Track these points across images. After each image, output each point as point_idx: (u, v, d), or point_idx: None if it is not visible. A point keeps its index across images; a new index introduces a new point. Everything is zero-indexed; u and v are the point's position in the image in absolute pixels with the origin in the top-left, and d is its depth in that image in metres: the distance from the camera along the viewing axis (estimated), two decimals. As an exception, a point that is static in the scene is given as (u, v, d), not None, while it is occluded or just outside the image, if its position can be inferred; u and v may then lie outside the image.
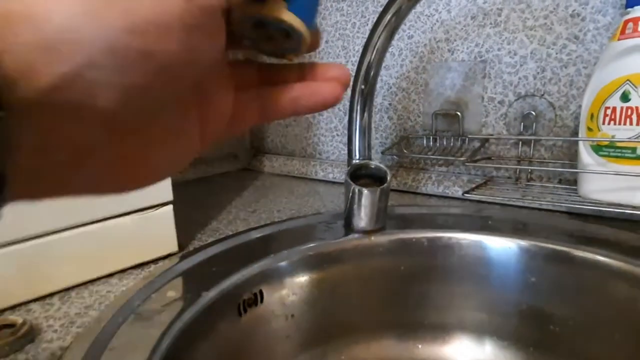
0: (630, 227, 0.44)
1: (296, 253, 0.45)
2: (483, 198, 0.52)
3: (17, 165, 0.12)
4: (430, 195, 0.62)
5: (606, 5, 0.49)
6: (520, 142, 0.56)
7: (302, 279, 0.46)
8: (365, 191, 0.46)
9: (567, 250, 0.43)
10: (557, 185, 0.53)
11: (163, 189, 0.44)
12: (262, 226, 0.51)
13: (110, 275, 0.41)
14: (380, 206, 0.47)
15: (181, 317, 0.33)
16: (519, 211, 0.52)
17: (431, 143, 0.63)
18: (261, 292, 0.42)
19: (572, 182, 0.54)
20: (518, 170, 0.56)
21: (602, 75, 0.45)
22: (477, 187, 0.55)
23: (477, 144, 0.57)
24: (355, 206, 0.47)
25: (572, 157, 0.53)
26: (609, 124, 0.44)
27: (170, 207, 0.45)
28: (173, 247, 0.45)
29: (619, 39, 0.43)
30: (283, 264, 0.44)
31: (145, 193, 0.37)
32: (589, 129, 0.46)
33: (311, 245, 0.47)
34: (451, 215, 0.54)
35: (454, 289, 0.49)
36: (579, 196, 0.48)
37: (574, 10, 0.51)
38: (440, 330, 0.50)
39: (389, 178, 0.46)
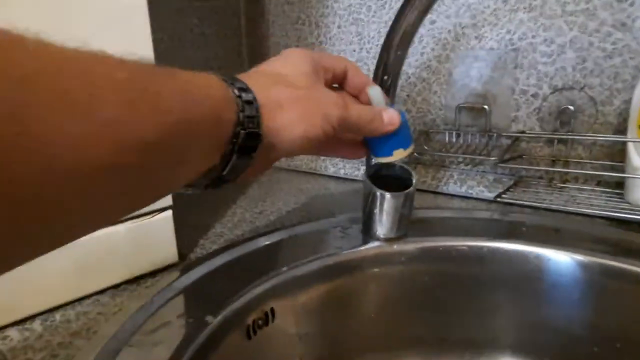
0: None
1: (311, 264, 0.41)
2: (519, 202, 0.47)
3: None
4: (453, 196, 0.57)
5: (661, -12, 0.43)
6: (556, 140, 0.51)
7: (318, 292, 0.41)
8: (388, 196, 0.41)
9: (617, 265, 0.39)
10: (595, 188, 0.48)
11: (161, 193, 0.39)
12: (270, 232, 0.46)
13: (102, 291, 0.36)
14: (403, 212, 0.42)
15: (183, 350, 0.28)
16: (553, 216, 0.47)
17: (454, 139, 0.58)
18: (272, 310, 0.38)
19: (613, 184, 0.49)
20: (552, 171, 0.51)
21: (659, 67, 0.39)
22: (508, 189, 0.50)
23: (505, 141, 0.52)
24: (377, 211, 0.42)
25: (614, 157, 0.48)
26: (665, 122, 0.39)
27: (170, 213, 0.40)
28: (173, 257, 0.40)
29: (682, 26, 0.38)
30: (297, 277, 0.40)
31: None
32: (641, 128, 0.41)
33: (327, 255, 0.42)
34: (479, 220, 0.49)
35: (485, 303, 0.44)
36: (627, 202, 0.43)
37: (622, -7, 0.45)
38: (468, 348, 0.45)
39: (414, 181, 0.41)
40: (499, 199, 0.47)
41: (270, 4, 0.74)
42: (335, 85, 0.35)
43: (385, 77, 0.43)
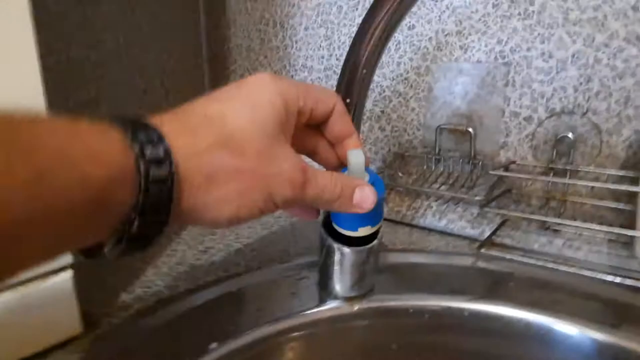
0: None
1: (248, 335, 0.33)
2: (503, 255, 0.39)
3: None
4: (430, 231, 0.50)
5: (685, -4, 0.35)
6: (552, 173, 0.43)
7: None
8: (347, 250, 0.33)
9: (622, 344, 0.31)
10: (596, 234, 0.41)
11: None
12: (209, 284, 0.38)
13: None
14: (366, 268, 0.34)
15: None
16: (545, 267, 0.40)
17: (433, 165, 0.50)
18: (194, 404, 0.30)
19: (617, 226, 0.41)
20: (546, 208, 0.44)
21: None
22: (494, 232, 0.42)
23: (492, 171, 0.44)
24: (335, 267, 0.34)
25: (620, 198, 0.40)
26: (690, 167, 0.31)
27: (69, 273, 0.31)
28: (74, 328, 0.32)
29: None
30: (230, 353, 0.32)
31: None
32: (658, 171, 0.33)
33: (273, 320, 0.34)
34: (459, 268, 0.41)
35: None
36: (635, 259, 0.35)
37: (637, 1, 0.37)
38: None
39: (380, 233, 0.33)
40: (482, 251, 0.39)
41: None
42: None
43: (348, 100, 0.35)
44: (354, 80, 0.35)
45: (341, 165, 0.29)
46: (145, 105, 0.64)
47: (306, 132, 0.28)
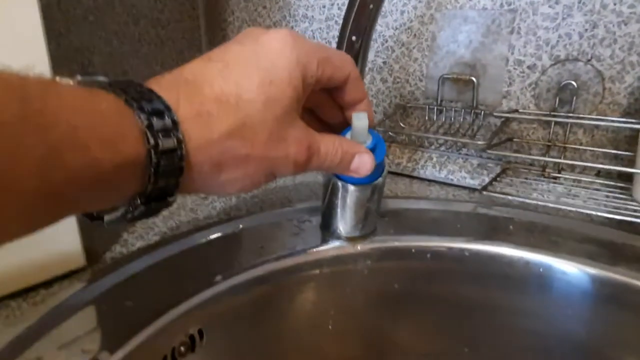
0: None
1: (253, 270, 0.33)
2: (506, 196, 0.40)
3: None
4: (430, 181, 0.50)
5: (697, -64, 0.35)
6: (553, 122, 0.43)
7: (260, 306, 0.34)
8: (352, 188, 0.33)
9: (619, 278, 0.32)
10: (594, 180, 0.41)
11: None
12: (211, 225, 0.38)
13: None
14: (370, 207, 0.35)
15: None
16: (545, 211, 0.40)
17: (435, 116, 0.49)
18: (200, 333, 0.30)
19: (615, 176, 0.42)
20: (547, 155, 0.44)
21: (691, 37, 0.32)
22: (494, 179, 0.43)
23: (494, 121, 0.44)
24: (338, 206, 0.34)
25: (619, 145, 0.41)
26: (694, 106, 0.32)
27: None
28: (77, 261, 0.32)
29: None
30: (234, 287, 0.32)
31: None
32: (661, 112, 0.33)
33: (276, 257, 0.34)
34: (460, 214, 0.41)
35: (463, 316, 0.38)
36: (635, 200, 0.36)
37: (648, -57, 0.36)
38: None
39: (385, 170, 0.33)
40: (484, 192, 0.39)
41: (229, -54, 0.62)
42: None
43: (354, 38, 0.34)
44: (361, 15, 0.34)
45: (345, 124, 0.29)
46: (139, 55, 0.63)
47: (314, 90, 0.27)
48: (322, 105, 0.29)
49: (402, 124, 0.51)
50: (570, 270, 0.34)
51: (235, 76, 0.20)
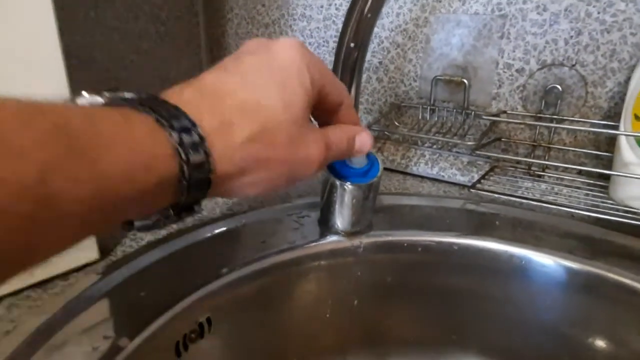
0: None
1: (257, 263, 0.35)
2: (493, 194, 0.42)
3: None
4: (423, 178, 0.52)
5: (675, -49, 0.37)
6: (539, 122, 0.45)
7: (263, 296, 0.36)
8: (349, 187, 0.35)
9: (594, 271, 0.35)
10: (576, 179, 0.44)
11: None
12: (215, 220, 0.40)
13: (-4, 300, 0.29)
14: (366, 204, 0.37)
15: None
16: (529, 208, 0.43)
17: (428, 115, 0.52)
18: (208, 320, 0.32)
19: (596, 175, 0.45)
20: (532, 155, 0.47)
21: (665, 48, 0.34)
22: (483, 177, 0.45)
23: (484, 121, 0.46)
24: (336, 203, 0.37)
25: (600, 146, 0.43)
26: (666, 114, 0.34)
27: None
28: (91, 254, 0.34)
29: (699, 0, 0.32)
30: (239, 279, 0.34)
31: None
32: (637, 117, 0.36)
33: (277, 251, 0.36)
34: (450, 210, 0.44)
35: (452, 306, 0.40)
36: (612, 200, 0.39)
37: (630, -44, 0.39)
38: (434, 354, 0.42)
39: (380, 169, 0.36)
40: (473, 190, 0.42)
41: (228, -56, 0.63)
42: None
43: (352, 45, 0.36)
44: (359, 23, 0.36)
45: None
46: (140, 51, 0.64)
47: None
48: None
49: (396, 123, 0.53)
50: (549, 262, 0.37)
51: (253, 84, 0.22)
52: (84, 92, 0.20)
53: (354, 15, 0.36)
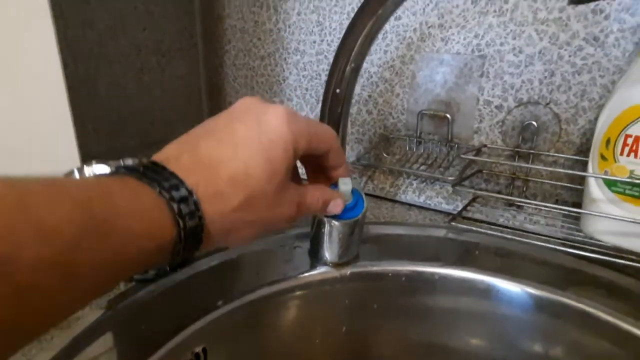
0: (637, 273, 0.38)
1: (251, 294, 0.38)
2: (470, 227, 0.45)
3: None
4: (410, 205, 0.55)
5: (636, 3, 0.40)
6: (517, 156, 0.48)
7: (257, 326, 0.39)
8: (336, 224, 0.38)
9: (564, 301, 0.38)
10: (553, 210, 0.47)
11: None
12: (211, 253, 0.43)
13: None
14: (352, 238, 0.40)
15: None
16: (507, 237, 0.45)
17: (414, 147, 0.55)
18: (204, 351, 0.35)
19: (571, 205, 0.47)
20: (512, 186, 0.49)
21: (626, 95, 0.37)
22: (465, 208, 0.48)
23: (463, 155, 0.49)
24: (324, 237, 0.39)
25: (574, 179, 0.46)
26: (628, 155, 0.37)
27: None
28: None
29: (654, 54, 0.35)
30: (234, 310, 0.37)
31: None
32: (603, 157, 0.39)
33: (270, 282, 0.39)
34: (433, 239, 0.47)
35: (431, 329, 0.43)
36: (581, 232, 0.41)
37: (596, 5, 0.42)
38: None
39: (365, 206, 0.38)
40: (452, 223, 0.44)
41: (226, -19, 0.67)
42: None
43: (338, 91, 0.39)
44: (344, 72, 0.39)
45: (329, 182, 0.34)
46: (142, 83, 0.67)
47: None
48: (306, 165, 0.34)
49: (385, 154, 0.56)
50: (519, 291, 0.39)
51: (243, 156, 0.25)
52: (93, 162, 0.23)
53: (339, 65, 0.38)
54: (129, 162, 0.23)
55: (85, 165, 0.24)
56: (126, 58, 0.65)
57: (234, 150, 0.25)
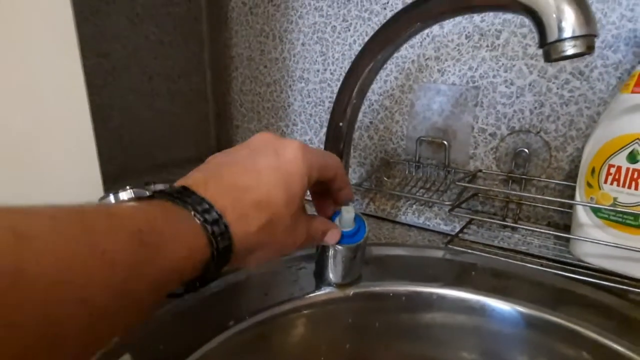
0: (622, 293, 0.41)
1: (259, 315, 0.40)
2: (466, 249, 0.47)
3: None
4: (410, 226, 0.58)
5: (618, 41, 0.43)
6: (510, 180, 0.51)
7: (265, 343, 0.41)
8: (339, 248, 0.40)
9: (556, 320, 0.40)
10: (545, 231, 0.49)
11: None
12: (221, 275, 0.45)
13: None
14: (355, 261, 0.42)
15: None
16: (501, 259, 0.48)
17: (414, 171, 0.57)
18: (216, 369, 0.37)
19: (562, 226, 0.50)
20: (506, 209, 0.52)
21: (609, 128, 0.40)
22: (461, 230, 0.50)
23: (458, 182, 0.52)
24: (328, 260, 0.42)
25: (564, 203, 0.49)
26: (611, 184, 0.40)
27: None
28: (116, 310, 0.39)
29: (632, 92, 0.38)
30: (244, 330, 0.39)
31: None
32: (589, 185, 0.41)
33: (278, 302, 0.41)
34: (431, 259, 0.49)
35: (430, 345, 0.45)
36: (571, 254, 0.44)
37: (581, 43, 0.45)
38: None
39: (366, 231, 0.41)
40: (449, 246, 0.47)
41: (234, 12, 0.70)
42: None
43: (341, 124, 0.42)
44: (346, 107, 0.42)
45: (334, 208, 0.38)
46: (153, 108, 0.70)
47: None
48: (314, 195, 0.38)
49: (385, 177, 0.59)
50: (512, 310, 0.41)
51: (265, 184, 0.28)
52: (128, 187, 0.26)
53: (342, 99, 0.42)
54: (160, 187, 0.26)
55: (120, 191, 0.27)
56: (138, 85, 0.68)
57: (257, 179, 0.27)
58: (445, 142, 0.54)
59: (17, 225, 0.16)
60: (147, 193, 0.26)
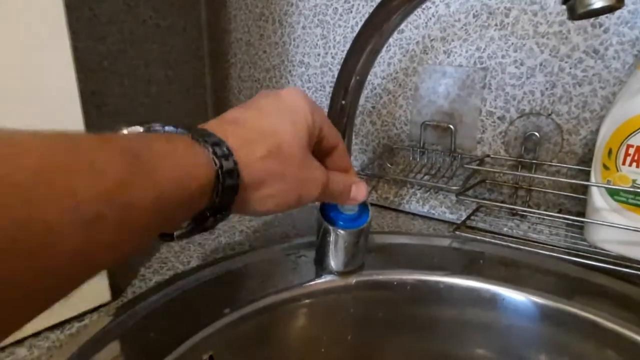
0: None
1: (257, 303, 0.38)
2: (475, 236, 0.45)
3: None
4: (414, 215, 0.55)
5: (635, 17, 0.41)
6: (520, 166, 0.49)
7: (263, 333, 0.39)
8: (341, 232, 0.38)
9: (568, 309, 0.38)
10: (556, 219, 0.47)
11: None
12: (218, 261, 0.43)
13: (19, 342, 0.32)
14: (358, 247, 0.40)
15: None
16: (511, 247, 0.46)
17: (418, 157, 0.55)
18: (211, 358, 0.35)
19: (575, 214, 0.48)
20: (515, 196, 0.50)
21: (627, 106, 0.38)
22: (469, 217, 0.48)
23: (466, 165, 0.49)
24: (329, 246, 0.40)
25: (577, 188, 0.46)
26: (630, 165, 0.37)
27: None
28: (104, 296, 0.37)
29: (653, 66, 0.36)
30: (240, 318, 0.37)
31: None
32: (605, 167, 0.39)
33: (275, 291, 0.39)
34: (437, 248, 0.47)
35: (436, 337, 0.43)
36: (585, 241, 0.42)
37: (595, 19, 0.43)
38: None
39: (370, 215, 0.39)
40: (457, 232, 0.45)
41: (232, -4, 0.68)
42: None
43: (344, 102, 0.40)
44: (348, 85, 0.40)
45: None
46: (150, 94, 0.68)
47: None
48: None
49: (389, 164, 0.57)
50: (525, 300, 0.39)
51: (268, 116, 0.27)
52: (123, 127, 0.25)
53: (344, 78, 0.39)
54: (157, 126, 0.25)
55: (123, 128, 0.25)
56: (135, 71, 0.66)
57: (259, 113, 0.26)
58: (451, 127, 0.52)
59: None
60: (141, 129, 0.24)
